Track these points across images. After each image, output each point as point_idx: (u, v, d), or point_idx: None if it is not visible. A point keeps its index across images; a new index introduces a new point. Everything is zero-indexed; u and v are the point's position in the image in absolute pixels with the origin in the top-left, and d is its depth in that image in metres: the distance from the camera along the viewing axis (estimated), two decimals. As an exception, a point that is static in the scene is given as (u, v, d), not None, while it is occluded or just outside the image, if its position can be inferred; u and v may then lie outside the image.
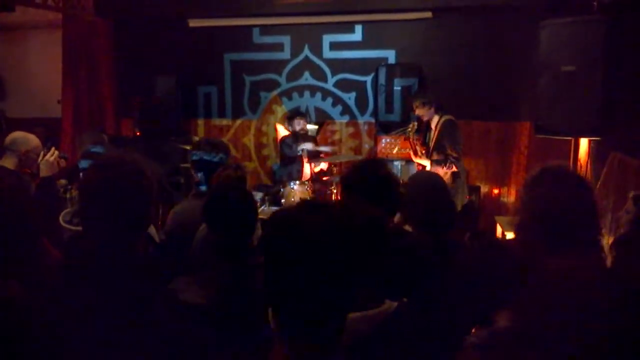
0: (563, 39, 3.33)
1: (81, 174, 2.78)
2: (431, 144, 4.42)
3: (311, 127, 5.65)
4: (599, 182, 3.47)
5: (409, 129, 4.44)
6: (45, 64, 6.52)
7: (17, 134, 3.31)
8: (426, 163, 4.41)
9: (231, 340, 1.50)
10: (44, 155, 3.03)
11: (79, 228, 2.48)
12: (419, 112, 4.45)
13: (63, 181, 3.70)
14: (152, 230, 2.31)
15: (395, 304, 1.37)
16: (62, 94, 6.17)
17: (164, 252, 2.31)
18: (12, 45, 6.75)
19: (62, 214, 2.65)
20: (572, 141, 3.92)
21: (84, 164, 2.81)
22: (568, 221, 1.50)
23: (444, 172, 4.20)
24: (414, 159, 4.60)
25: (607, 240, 2.04)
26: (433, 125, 4.45)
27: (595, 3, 3.59)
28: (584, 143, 3.72)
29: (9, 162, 3.23)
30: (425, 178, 2.53)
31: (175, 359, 1.48)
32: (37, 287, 1.81)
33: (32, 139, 3.30)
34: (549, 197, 1.58)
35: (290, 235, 0.97)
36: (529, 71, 5.16)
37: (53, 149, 3.07)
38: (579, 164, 3.77)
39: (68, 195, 3.58)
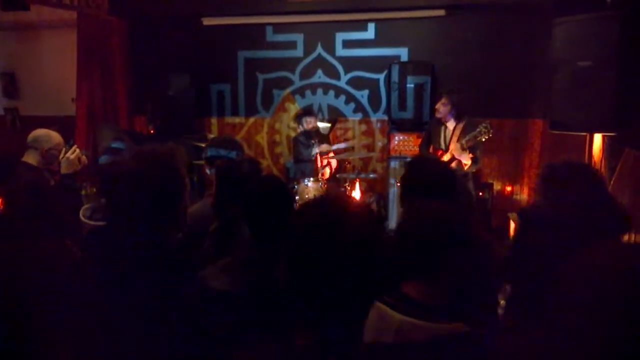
0: (578, 36, 3.33)
1: (101, 169, 2.82)
2: (451, 144, 4.37)
3: (323, 125, 5.66)
4: (613, 179, 3.46)
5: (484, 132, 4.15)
6: (59, 62, 6.59)
7: (40, 132, 3.35)
8: (465, 161, 4.24)
9: (259, 327, 1.52)
10: (65, 152, 3.07)
11: (100, 223, 2.52)
12: (439, 107, 4.40)
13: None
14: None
15: (466, 328, 1.31)
16: (77, 92, 6.24)
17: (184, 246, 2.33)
18: (26, 44, 6.83)
19: (82, 209, 2.69)
20: (586, 137, 3.91)
21: (103, 159, 2.85)
22: (590, 216, 1.50)
23: (467, 159, 4.19)
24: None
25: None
26: (450, 126, 4.43)
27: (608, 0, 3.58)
28: (597, 139, 3.71)
29: (32, 159, 3.28)
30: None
31: (204, 345, 1.51)
32: (58, 282, 1.84)
33: (55, 137, 3.34)
34: (569, 193, 1.59)
35: (310, 229, 1.00)
36: (541, 69, 5.16)
37: (75, 146, 3.12)
38: (592, 160, 3.75)
39: (84, 192, 3.63)
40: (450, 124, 4.43)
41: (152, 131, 6.05)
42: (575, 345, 0.97)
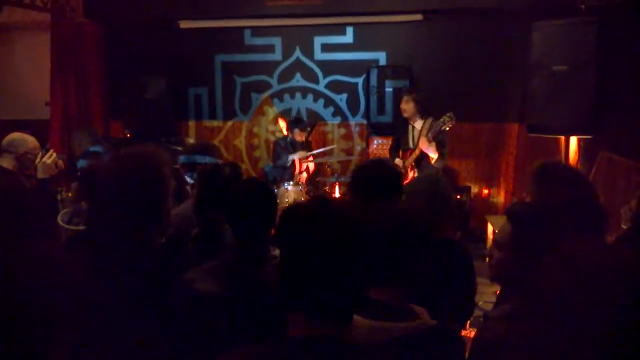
0: (555, 40, 3.42)
1: (79, 173, 2.77)
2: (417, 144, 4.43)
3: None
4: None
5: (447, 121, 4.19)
6: (32, 65, 6.43)
7: (15, 135, 3.28)
8: (432, 154, 4.29)
9: (245, 329, 1.51)
10: (42, 156, 3.01)
11: (79, 227, 2.48)
12: (405, 106, 4.47)
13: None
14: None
15: (432, 321, 1.35)
16: (51, 96, 6.09)
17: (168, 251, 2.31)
18: (-2, 46, 6.66)
19: (61, 214, 2.64)
20: (562, 141, 4.01)
21: (82, 163, 2.80)
22: (576, 212, 1.54)
23: (434, 153, 4.24)
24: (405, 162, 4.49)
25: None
26: (418, 126, 4.48)
27: (582, 5, 3.69)
28: (573, 142, 3.81)
29: (7, 163, 3.20)
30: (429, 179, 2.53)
31: (190, 347, 1.49)
32: (34, 287, 1.79)
33: (30, 141, 3.27)
34: (556, 191, 1.63)
35: (304, 221, 1.03)
36: (518, 73, 5.28)
37: (51, 151, 3.06)
38: (568, 162, 3.85)
39: (59, 197, 3.55)
40: (418, 124, 4.49)
41: (128, 135, 5.96)
42: (561, 339, 1.00)
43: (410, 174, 4.35)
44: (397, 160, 4.52)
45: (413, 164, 4.37)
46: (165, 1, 5.92)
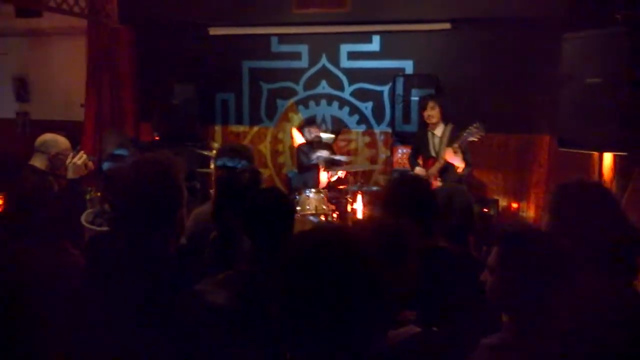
0: (587, 52, 3.29)
1: (105, 176, 2.83)
2: (441, 151, 4.36)
3: (326, 136, 5.67)
4: (624, 199, 3.40)
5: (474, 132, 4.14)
6: (69, 68, 6.66)
7: (48, 136, 3.38)
8: (459, 164, 4.22)
9: (254, 344, 1.51)
10: (72, 157, 3.09)
11: (102, 228, 2.53)
12: (431, 112, 4.40)
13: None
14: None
15: (417, 329, 1.35)
16: (85, 98, 6.29)
17: (185, 254, 2.33)
18: (38, 50, 6.91)
19: (85, 214, 2.70)
20: (596, 156, 3.86)
21: (106, 165, 2.86)
22: (603, 241, 1.48)
23: (461, 162, 4.17)
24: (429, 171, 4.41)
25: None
26: (438, 133, 4.43)
27: (619, 16, 3.57)
28: (608, 157, 3.65)
29: (39, 163, 3.31)
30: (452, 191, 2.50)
31: (196, 357, 1.49)
32: (58, 286, 1.84)
33: (62, 142, 3.37)
34: (580, 215, 1.57)
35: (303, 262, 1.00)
36: (548, 84, 5.14)
37: (82, 152, 3.14)
38: (603, 178, 3.70)
39: (88, 197, 3.64)
40: (439, 131, 4.43)
41: (156, 138, 6.08)
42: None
43: (435, 184, 4.29)
44: (419, 169, 4.46)
45: (437, 173, 4.32)
46: (196, 8, 6.02)
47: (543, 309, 1.15)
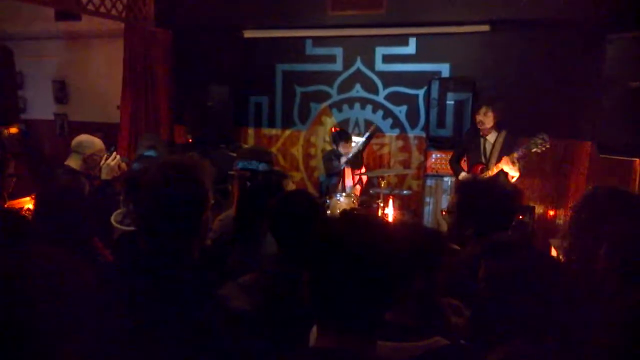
0: (631, 54, 3.15)
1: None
2: (492, 158, 4.23)
3: (357, 139, 5.58)
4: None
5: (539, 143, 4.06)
6: (106, 70, 6.82)
7: (83, 137, 3.45)
8: (514, 173, 4.12)
9: (279, 350, 1.46)
10: (106, 159, 3.14)
11: (130, 228, 2.54)
12: (483, 117, 4.25)
13: None
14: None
15: (444, 342, 1.29)
16: (121, 100, 6.42)
17: (209, 258, 2.31)
18: (76, 52, 7.11)
19: (115, 214, 2.72)
20: (637, 163, 3.68)
21: (136, 166, 2.88)
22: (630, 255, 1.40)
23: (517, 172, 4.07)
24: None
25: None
26: (491, 139, 4.29)
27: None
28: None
29: (74, 163, 3.37)
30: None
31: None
32: (88, 284, 1.83)
33: (97, 143, 3.43)
34: (617, 227, 1.47)
35: (332, 240, 1.06)
36: (589, 88, 4.93)
37: (115, 153, 3.19)
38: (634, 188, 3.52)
39: (122, 197, 3.69)
40: (491, 137, 4.28)
41: (190, 140, 6.15)
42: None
43: None
44: (465, 175, 4.33)
45: None
46: (231, 11, 6.07)
47: None
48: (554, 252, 4.50)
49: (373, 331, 1.06)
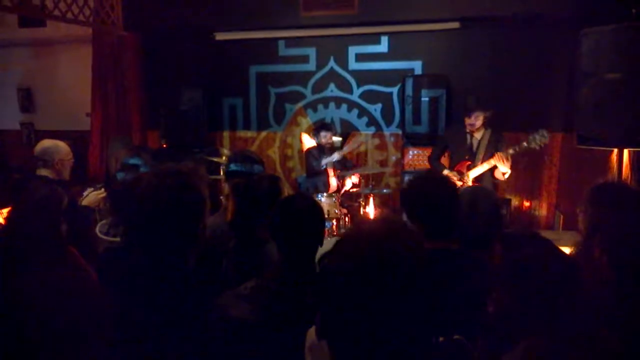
0: (606, 47, 3.24)
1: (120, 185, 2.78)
2: (480, 155, 4.29)
3: (337, 139, 5.60)
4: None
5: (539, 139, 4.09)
6: (74, 77, 6.63)
7: (46, 143, 3.36)
8: (506, 169, 4.15)
9: (281, 357, 1.45)
10: (94, 190, 3.11)
11: (116, 239, 2.47)
12: (475, 121, 4.26)
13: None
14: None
15: (441, 338, 1.28)
16: (92, 107, 6.26)
17: (205, 267, 2.27)
18: (42, 60, 6.89)
19: (99, 225, 2.64)
20: (613, 153, 3.79)
21: (121, 175, 2.81)
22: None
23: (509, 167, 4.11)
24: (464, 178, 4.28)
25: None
26: (478, 136, 4.35)
27: (634, 10, 3.50)
28: (624, 155, 3.59)
29: (45, 172, 3.27)
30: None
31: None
32: (66, 297, 1.77)
33: (62, 146, 3.36)
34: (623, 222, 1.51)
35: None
36: (560, 81, 5.08)
37: (103, 189, 3.17)
38: (621, 176, 3.63)
39: (102, 206, 3.60)
40: (478, 133, 4.34)
41: (164, 145, 6.04)
42: None
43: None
44: (450, 173, 4.31)
45: (474, 178, 4.23)
46: (201, 13, 5.99)
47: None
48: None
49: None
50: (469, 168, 4.27)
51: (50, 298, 1.68)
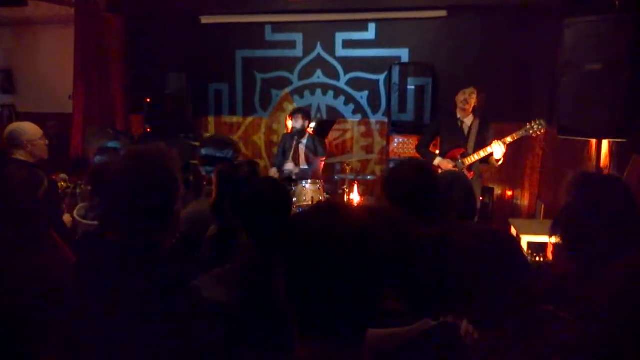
0: (588, 38, 3.26)
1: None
2: (471, 142, 4.31)
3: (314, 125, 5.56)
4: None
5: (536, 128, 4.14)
6: (56, 59, 6.51)
7: (11, 126, 3.33)
8: (500, 157, 4.20)
9: (255, 339, 1.45)
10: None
11: (94, 223, 2.45)
12: (469, 98, 4.28)
13: (63, 175, 3.71)
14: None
15: (433, 323, 1.30)
16: (74, 90, 6.15)
17: (181, 250, 2.26)
18: (23, 40, 6.75)
19: (77, 208, 2.62)
20: (591, 143, 3.83)
21: (99, 159, 2.78)
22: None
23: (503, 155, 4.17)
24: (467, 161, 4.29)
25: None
26: (468, 122, 4.36)
27: (616, 2, 3.52)
28: (604, 145, 3.64)
29: (20, 155, 3.22)
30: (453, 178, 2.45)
31: (197, 357, 1.43)
32: (49, 280, 1.77)
33: (29, 127, 3.30)
34: (600, 206, 1.55)
35: (307, 239, 0.97)
36: (545, 72, 5.11)
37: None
38: (599, 166, 3.68)
39: (78, 190, 3.56)
40: (469, 120, 4.36)
41: (148, 130, 5.98)
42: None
43: (470, 175, 4.22)
44: (445, 161, 4.29)
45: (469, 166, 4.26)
46: (187, -4, 5.90)
47: None
48: (513, 231, 4.67)
49: (360, 334, 0.98)
50: (463, 156, 4.30)
51: (30, 280, 1.67)
